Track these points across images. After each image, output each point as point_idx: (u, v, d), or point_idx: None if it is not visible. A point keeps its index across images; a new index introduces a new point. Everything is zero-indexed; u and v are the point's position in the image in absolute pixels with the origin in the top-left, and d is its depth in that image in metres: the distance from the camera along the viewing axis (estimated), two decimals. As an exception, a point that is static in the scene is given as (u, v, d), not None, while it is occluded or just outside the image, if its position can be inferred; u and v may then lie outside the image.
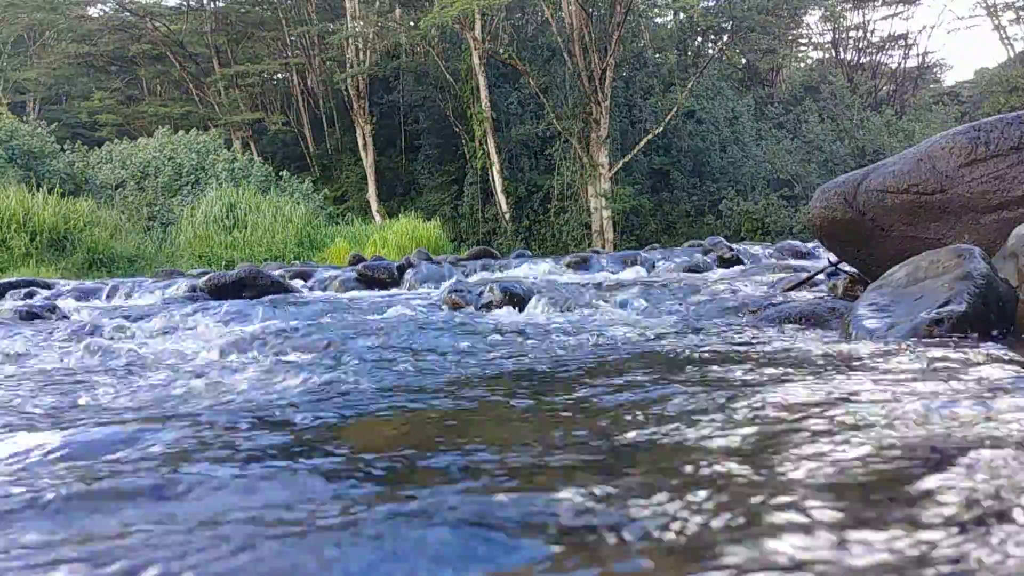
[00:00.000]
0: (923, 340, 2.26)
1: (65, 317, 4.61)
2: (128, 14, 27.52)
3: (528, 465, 1.21)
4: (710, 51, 26.13)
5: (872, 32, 31.35)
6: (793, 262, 7.08)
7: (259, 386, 2.08)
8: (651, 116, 23.04)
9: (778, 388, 1.75)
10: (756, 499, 0.99)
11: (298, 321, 3.65)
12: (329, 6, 27.10)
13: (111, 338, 3.37)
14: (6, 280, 7.71)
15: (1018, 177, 3.11)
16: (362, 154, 24.57)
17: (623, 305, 4.06)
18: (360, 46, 24.51)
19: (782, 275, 5.14)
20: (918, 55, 33.18)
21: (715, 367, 2.09)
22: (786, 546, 0.84)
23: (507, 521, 0.95)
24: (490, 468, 1.20)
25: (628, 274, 7.36)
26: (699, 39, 27.57)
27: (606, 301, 4.18)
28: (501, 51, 22.12)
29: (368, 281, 6.98)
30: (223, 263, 15.72)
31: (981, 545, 0.82)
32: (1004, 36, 28.54)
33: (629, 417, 1.53)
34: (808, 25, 32.52)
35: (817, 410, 1.48)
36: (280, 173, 22.72)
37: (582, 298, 4.21)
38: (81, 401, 1.96)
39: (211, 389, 2.05)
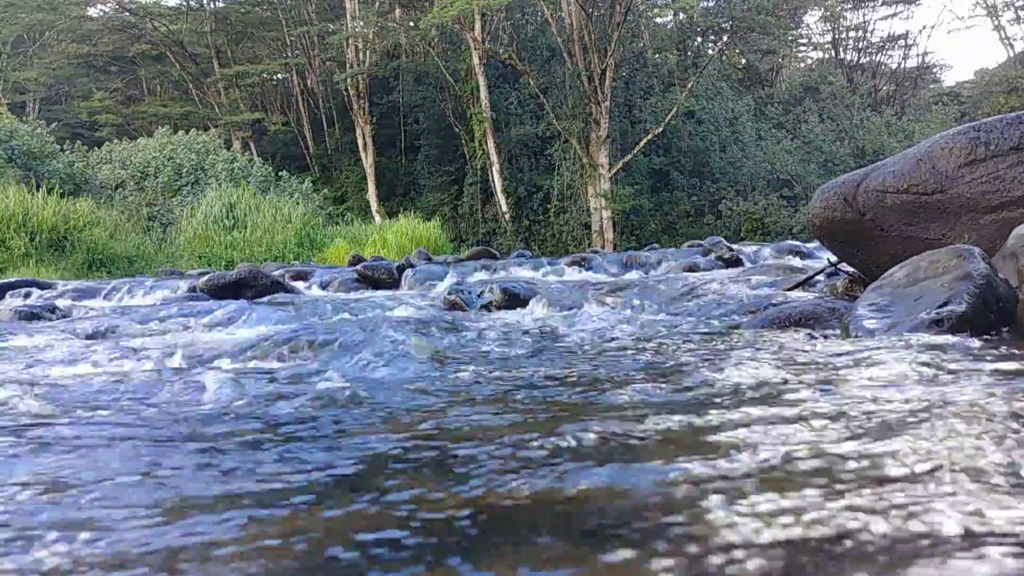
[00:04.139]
0: (922, 340, 2.26)
1: (65, 317, 4.61)
2: (128, 14, 27.50)
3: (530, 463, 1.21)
4: (710, 51, 26.11)
5: (872, 32, 31.39)
6: (793, 262, 7.07)
7: (255, 387, 2.08)
8: (651, 116, 23.02)
9: (776, 388, 1.75)
10: (751, 497, 0.99)
11: (297, 322, 3.64)
12: (329, 6, 27.09)
13: (108, 339, 3.36)
14: (6, 280, 7.70)
15: (1018, 177, 3.11)
16: (362, 154, 24.55)
17: (623, 305, 4.06)
18: (360, 46, 24.49)
19: (782, 275, 5.14)
20: (918, 55, 33.23)
21: (715, 367, 2.09)
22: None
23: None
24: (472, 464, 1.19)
25: (628, 274, 7.35)
26: (699, 39, 27.54)
27: (606, 301, 4.18)
28: (501, 51, 22.10)
29: (368, 281, 6.98)
30: (223, 263, 15.71)
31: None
32: (1004, 36, 28.52)
33: (623, 416, 1.52)
34: (808, 25, 32.56)
35: (814, 408, 1.48)
36: (280, 173, 22.71)
37: (582, 298, 4.21)
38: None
39: (209, 388, 2.05)
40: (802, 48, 33.42)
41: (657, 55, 26.39)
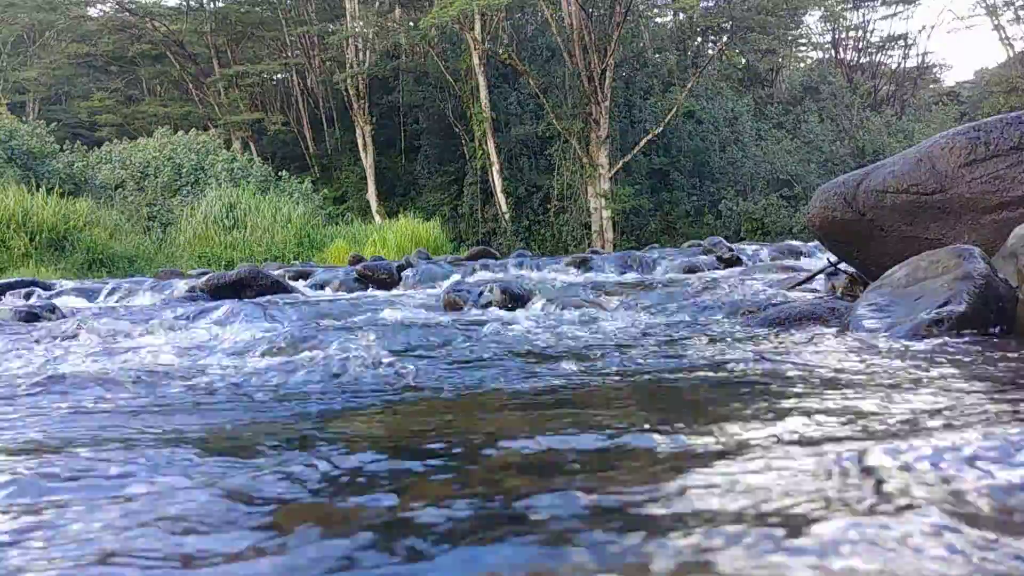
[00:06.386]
0: (922, 340, 2.25)
1: (64, 317, 4.61)
2: (128, 14, 27.49)
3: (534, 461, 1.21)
4: (710, 51, 26.11)
5: (872, 32, 31.37)
6: (793, 262, 7.08)
7: (254, 387, 2.07)
8: (651, 116, 23.03)
9: (775, 388, 1.75)
10: (749, 498, 0.99)
11: (297, 321, 3.64)
12: (329, 6, 27.08)
13: (107, 338, 3.36)
14: (5, 280, 7.70)
15: (1018, 177, 3.11)
16: (362, 154, 24.55)
17: (622, 306, 4.06)
18: (360, 46, 24.49)
19: (782, 275, 5.14)
20: (918, 55, 33.25)
21: (714, 367, 2.09)
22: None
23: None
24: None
25: (628, 274, 7.35)
26: (699, 39, 27.55)
27: (605, 301, 4.18)
28: (501, 51, 22.10)
29: (368, 281, 6.98)
30: (223, 263, 15.71)
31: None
32: (1004, 36, 28.50)
33: (621, 415, 1.52)
34: (808, 25, 32.52)
35: (813, 408, 1.48)
36: (280, 173, 22.70)
37: (581, 298, 4.21)
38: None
39: (207, 388, 2.05)
40: (802, 48, 33.41)
41: (657, 55, 26.40)
